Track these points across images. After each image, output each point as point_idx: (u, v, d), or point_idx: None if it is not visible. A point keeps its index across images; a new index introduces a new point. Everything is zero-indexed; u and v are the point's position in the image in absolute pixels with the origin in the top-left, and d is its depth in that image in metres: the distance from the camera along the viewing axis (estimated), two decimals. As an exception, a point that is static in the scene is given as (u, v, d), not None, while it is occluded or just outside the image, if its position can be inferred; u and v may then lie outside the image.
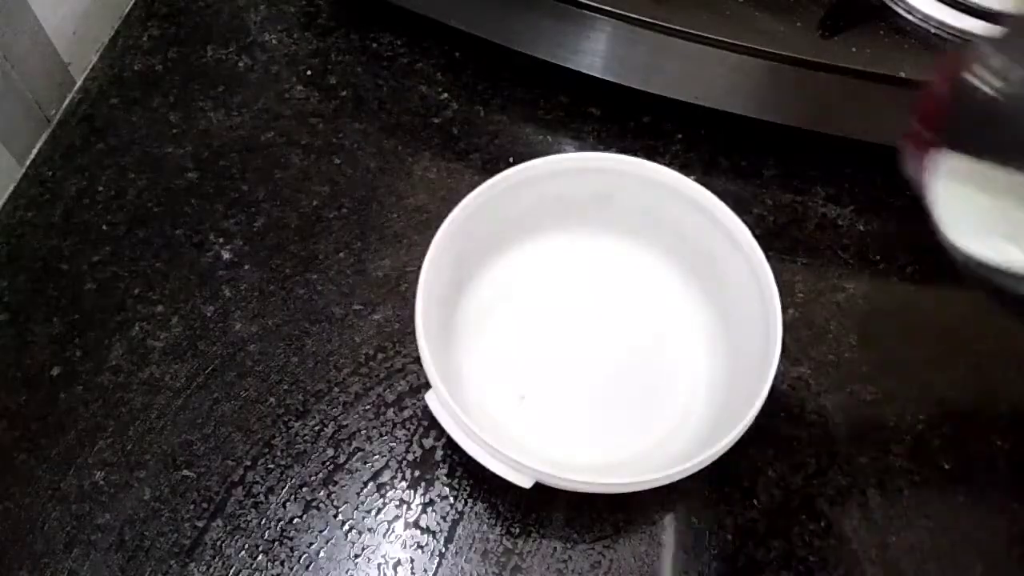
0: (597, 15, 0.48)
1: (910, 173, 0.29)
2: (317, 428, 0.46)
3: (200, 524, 0.43)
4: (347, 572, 0.42)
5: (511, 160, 0.54)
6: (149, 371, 0.47)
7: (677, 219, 0.46)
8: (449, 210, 0.43)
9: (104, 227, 0.52)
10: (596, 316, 0.48)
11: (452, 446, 0.42)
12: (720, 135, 0.56)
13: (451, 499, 0.44)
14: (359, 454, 0.45)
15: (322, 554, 0.42)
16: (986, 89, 0.27)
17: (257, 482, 0.44)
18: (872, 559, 0.43)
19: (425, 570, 0.42)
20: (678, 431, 0.44)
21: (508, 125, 0.57)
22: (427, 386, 0.39)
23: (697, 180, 0.45)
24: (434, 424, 0.44)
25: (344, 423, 0.46)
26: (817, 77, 0.47)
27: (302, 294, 0.50)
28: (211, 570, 0.42)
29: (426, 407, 0.44)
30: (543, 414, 0.45)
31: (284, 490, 0.44)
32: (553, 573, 0.42)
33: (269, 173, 0.55)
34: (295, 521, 0.43)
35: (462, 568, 0.42)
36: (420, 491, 0.44)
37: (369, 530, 0.43)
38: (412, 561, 0.42)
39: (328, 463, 0.45)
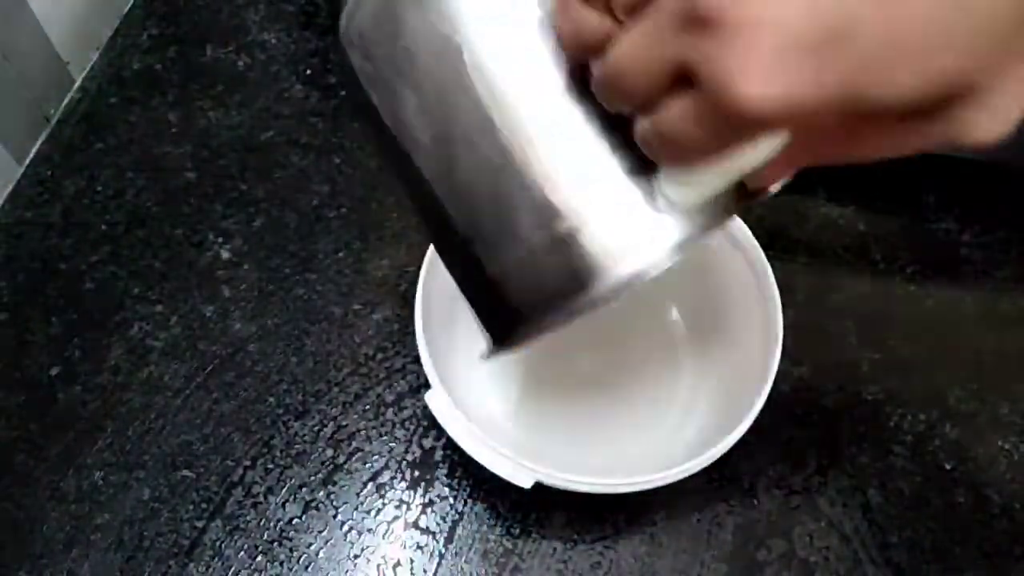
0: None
1: None
2: (316, 428, 0.46)
3: (199, 524, 0.43)
4: (346, 572, 0.42)
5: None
6: (148, 371, 0.47)
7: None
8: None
9: (103, 227, 0.52)
10: (596, 316, 0.48)
11: (452, 446, 0.42)
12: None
13: (451, 499, 0.44)
14: (358, 454, 0.45)
15: (321, 554, 0.42)
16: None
17: (256, 482, 0.44)
18: (872, 559, 0.43)
19: (424, 570, 0.42)
20: (678, 431, 0.44)
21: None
22: (427, 386, 0.39)
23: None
24: (434, 424, 0.44)
25: (343, 423, 0.46)
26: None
27: (301, 294, 0.50)
28: (210, 570, 0.42)
29: (426, 407, 0.44)
30: (544, 414, 0.45)
31: (283, 490, 0.44)
32: (553, 573, 0.42)
33: (268, 172, 0.55)
34: (294, 521, 0.43)
35: (462, 568, 0.42)
36: (420, 491, 0.44)
37: (368, 531, 0.43)
38: (412, 562, 0.42)
39: (327, 463, 0.45)
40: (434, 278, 0.42)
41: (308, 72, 0.59)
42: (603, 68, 0.22)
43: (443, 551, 0.43)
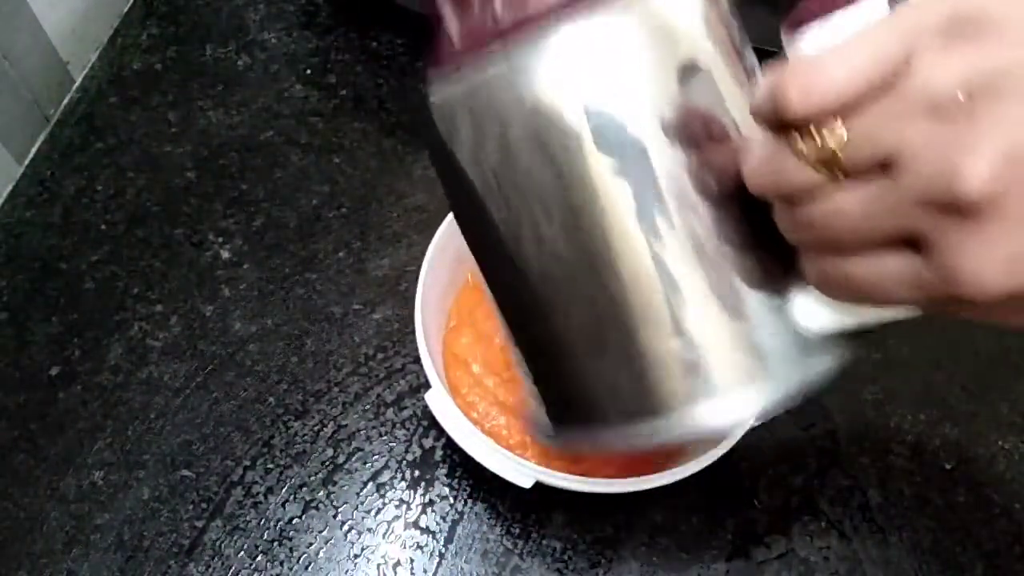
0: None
1: None
2: (316, 428, 0.46)
3: (199, 524, 0.43)
4: (346, 572, 0.42)
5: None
6: (148, 371, 0.47)
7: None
8: (449, 209, 0.43)
9: (103, 226, 0.52)
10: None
11: (452, 446, 0.42)
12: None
13: (451, 499, 0.44)
14: (359, 454, 0.45)
15: (321, 554, 0.42)
16: None
17: (256, 482, 0.44)
18: (872, 559, 0.43)
19: (425, 570, 0.42)
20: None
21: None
22: (427, 386, 0.39)
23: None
24: (434, 424, 0.44)
25: (343, 423, 0.46)
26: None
27: (301, 294, 0.50)
28: (210, 570, 0.42)
29: (426, 407, 0.44)
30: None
31: (284, 490, 0.44)
32: (553, 573, 0.42)
33: (268, 172, 0.55)
34: (294, 521, 0.43)
35: (462, 568, 0.42)
36: (420, 491, 0.44)
37: (369, 530, 0.43)
38: (412, 561, 0.42)
39: (327, 463, 0.45)
40: (434, 278, 0.42)
41: (308, 72, 0.59)
42: (803, 215, 0.22)
43: (443, 551, 0.43)
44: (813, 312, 0.25)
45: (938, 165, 0.19)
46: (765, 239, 0.24)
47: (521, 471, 0.38)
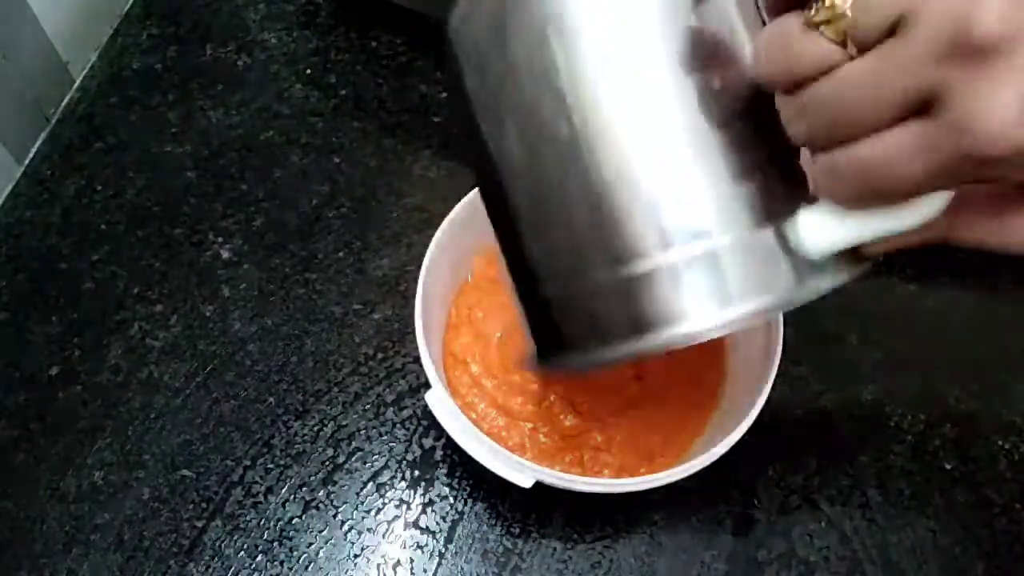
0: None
1: None
2: (316, 428, 0.46)
3: (199, 524, 0.43)
4: (346, 572, 0.42)
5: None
6: (148, 371, 0.47)
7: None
8: (449, 209, 0.43)
9: (103, 226, 0.52)
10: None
11: (452, 446, 0.42)
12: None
13: (451, 499, 0.44)
14: (359, 454, 0.45)
15: (321, 554, 0.42)
16: None
17: (256, 482, 0.44)
18: (872, 559, 0.43)
19: (425, 570, 0.42)
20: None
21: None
22: (427, 386, 0.39)
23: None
24: (434, 424, 0.44)
25: (343, 423, 0.46)
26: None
27: (301, 293, 0.50)
28: (210, 570, 0.42)
29: (426, 407, 0.44)
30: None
31: (283, 490, 0.44)
32: (553, 573, 0.42)
33: (268, 172, 0.55)
34: (294, 521, 0.43)
35: (462, 568, 0.42)
36: (420, 491, 0.44)
37: (369, 530, 0.43)
38: (412, 561, 0.42)
39: (327, 463, 0.45)
40: (434, 278, 0.42)
41: (308, 72, 0.59)
42: (814, 96, 0.22)
43: (443, 551, 0.43)
44: (817, 229, 0.25)
45: (951, 13, 0.19)
46: (769, 163, 0.25)
47: (521, 471, 0.37)
